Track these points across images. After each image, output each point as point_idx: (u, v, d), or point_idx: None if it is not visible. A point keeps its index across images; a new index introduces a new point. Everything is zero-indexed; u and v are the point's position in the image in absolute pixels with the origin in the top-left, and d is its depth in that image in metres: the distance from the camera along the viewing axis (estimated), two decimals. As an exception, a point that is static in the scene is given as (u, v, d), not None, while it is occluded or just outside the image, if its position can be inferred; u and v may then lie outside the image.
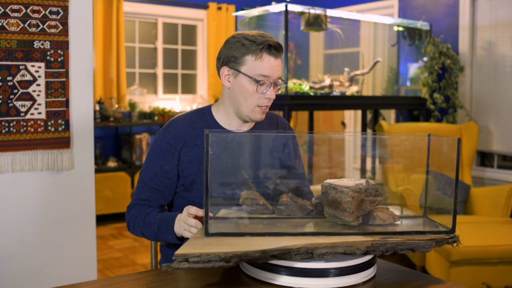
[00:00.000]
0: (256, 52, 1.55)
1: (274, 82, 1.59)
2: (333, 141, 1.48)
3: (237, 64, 1.58)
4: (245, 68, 1.57)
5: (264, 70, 1.56)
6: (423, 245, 1.28)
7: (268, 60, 1.56)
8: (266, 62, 1.56)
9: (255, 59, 1.56)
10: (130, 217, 1.66)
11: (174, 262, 1.12)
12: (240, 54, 1.57)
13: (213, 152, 1.27)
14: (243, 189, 1.43)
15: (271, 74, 1.57)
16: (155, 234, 1.59)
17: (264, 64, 1.56)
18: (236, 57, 1.58)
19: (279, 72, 1.59)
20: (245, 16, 4.43)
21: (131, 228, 1.68)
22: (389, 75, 5.07)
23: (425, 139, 1.47)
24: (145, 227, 1.62)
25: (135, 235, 1.70)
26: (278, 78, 1.59)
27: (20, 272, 2.36)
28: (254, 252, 1.14)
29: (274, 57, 1.58)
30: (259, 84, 1.56)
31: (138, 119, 5.51)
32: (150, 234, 1.62)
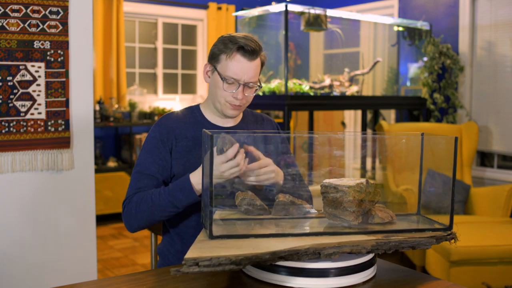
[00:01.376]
0: (229, 52, 1.59)
1: (245, 84, 1.60)
2: (333, 141, 1.48)
3: (215, 61, 1.64)
4: (219, 66, 1.62)
5: (232, 71, 1.59)
6: (424, 242, 1.28)
7: (238, 61, 1.59)
8: (236, 63, 1.58)
9: (227, 58, 1.59)
10: (131, 207, 1.60)
11: (183, 266, 1.10)
12: (218, 52, 1.62)
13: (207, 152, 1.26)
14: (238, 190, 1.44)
15: (239, 77, 1.59)
16: (169, 202, 1.53)
17: (234, 65, 1.59)
18: (215, 54, 1.63)
19: (250, 75, 1.60)
20: (245, 16, 4.43)
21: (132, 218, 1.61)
22: (389, 75, 5.07)
23: (424, 139, 1.47)
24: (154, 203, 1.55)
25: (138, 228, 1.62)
26: (250, 81, 1.60)
27: (20, 272, 2.36)
28: (264, 254, 1.14)
29: (246, 59, 1.59)
30: (227, 84, 1.60)
31: (138, 119, 5.51)
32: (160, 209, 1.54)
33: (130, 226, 1.63)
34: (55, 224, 2.44)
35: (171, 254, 1.71)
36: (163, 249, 1.74)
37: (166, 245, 1.73)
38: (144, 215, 1.58)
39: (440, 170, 1.43)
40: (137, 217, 1.60)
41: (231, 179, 1.44)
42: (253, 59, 1.60)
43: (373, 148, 1.58)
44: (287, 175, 1.60)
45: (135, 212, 1.59)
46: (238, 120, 1.76)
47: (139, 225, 1.62)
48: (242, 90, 1.60)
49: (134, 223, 1.62)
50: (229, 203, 1.47)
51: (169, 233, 1.73)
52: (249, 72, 1.59)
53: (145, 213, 1.58)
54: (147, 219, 1.59)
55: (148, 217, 1.58)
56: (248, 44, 1.58)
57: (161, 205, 1.55)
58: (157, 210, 1.56)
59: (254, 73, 1.61)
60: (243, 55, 1.59)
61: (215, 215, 1.40)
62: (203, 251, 1.14)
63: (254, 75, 1.61)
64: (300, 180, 1.67)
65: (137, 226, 1.62)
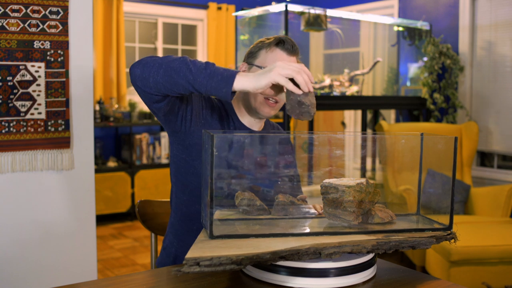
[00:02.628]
0: (269, 45, 1.61)
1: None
2: (333, 141, 1.48)
3: (252, 58, 1.65)
4: (257, 61, 1.63)
5: (272, 61, 1.58)
6: (424, 242, 1.28)
7: (278, 54, 1.60)
8: (275, 55, 1.60)
9: (267, 51, 1.61)
10: (146, 58, 1.41)
11: (184, 266, 1.10)
12: (256, 49, 1.64)
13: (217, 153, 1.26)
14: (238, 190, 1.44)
15: None
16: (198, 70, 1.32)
17: (273, 57, 1.59)
18: (253, 52, 1.65)
19: None
20: (245, 16, 4.43)
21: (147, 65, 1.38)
22: (389, 75, 5.07)
23: (424, 139, 1.47)
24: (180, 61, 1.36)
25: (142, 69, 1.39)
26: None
27: (20, 272, 2.36)
28: (265, 254, 1.14)
29: (286, 53, 1.61)
30: None
31: (138, 119, 5.51)
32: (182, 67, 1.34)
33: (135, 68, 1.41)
34: (55, 224, 2.44)
35: (171, 252, 1.69)
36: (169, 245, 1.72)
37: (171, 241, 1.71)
38: (158, 63, 1.38)
39: (440, 170, 1.43)
40: (150, 61, 1.39)
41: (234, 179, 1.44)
42: (292, 55, 1.62)
43: (373, 148, 1.58)
44: (285, 176, 1.59)
45: (152, 59, 1.40)
46: (261, 128, 1.75)
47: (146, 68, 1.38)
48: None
49: (139, 65, 1.40)
50: (228, 203, 1.47)
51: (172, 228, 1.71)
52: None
53: (160, 63, 1.37)
54: (157, 68, 1.37)
55: (160, 66, 1.37)
56: (287, 39, 1.61)
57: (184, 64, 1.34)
58: (176, 67, 1.34)
59: None
60: (283, 49, 1.60)
61: (214, 216, 1.40)
62: (203, 251, 1.14)
63: None
64: (298, 181, 1.67)
65: (142, 68, 1.39)
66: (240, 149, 1.47)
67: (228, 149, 1.43)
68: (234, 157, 1.43)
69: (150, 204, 1.89)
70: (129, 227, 5.12)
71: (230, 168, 1.42)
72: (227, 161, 1.40)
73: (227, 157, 1.41)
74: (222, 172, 1.41)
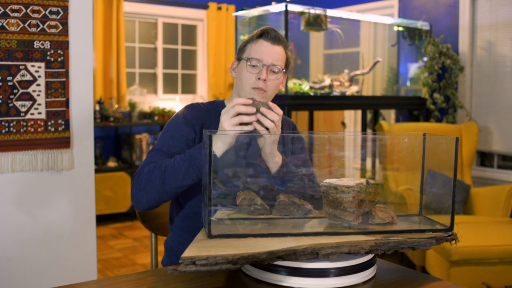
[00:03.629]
0: (253, 39, 1.66)
1: (269, 67, 1.63)
2: (333, 141, 1.48)
3: (240, 53, 1.69)
4: (244, 55, 1.67)
5: (256, 52, 1.63)
6: (424, 243, 1.28)
7: (261, 44, 1.64)
8: (259, 46, 1.64)
9: (251, 44, 1.66)
10: (142, 178, 1.51)
11: (180, 265, 1.10)
12: (244, 44, 1.70)
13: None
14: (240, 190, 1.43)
15: (262, 57, 1.63)
16: (185, 161, 1.46)
17: (257, 47, 1.64)
18: (241, 48, 1.70)
19: (273, 57, 1.63)
20: (245, 16, 4.43)
21: (141, 190, 1.51)
22: (389, 75, 5.07)
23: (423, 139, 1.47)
24: (168, 167, 1.48)
25: (146, 203, 1.52)
26: (272, 64, 1.63)
27: (20, 272, 2.36)
28: (261, 254, 1.14)
29: (270, 43, 1.64)
30: (251, 65, 1.63)
31: (138, 119, 5.51)
32: (174, 171, 1.47)
33: (137, 202, 1.54)
34: (55, 224, 2.44)
35: (179, 250, 1.68)
36: (171, 244, 1.72)
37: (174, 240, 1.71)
38: (155, 184, 1.49)
39: (441, 170, 1.43)
40: (146, 187, 1.50)
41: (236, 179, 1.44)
42: (276, 44, 1.65)
43: (374, 148, 1.58)
44: (298, 176, 1.58)
45: (145, 182, 1.50)
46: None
47: (148, 199, 1.51)
48: (266, 71, 1.62)
49: (142, 197, 1.52)
50: (229, 202, 1.46)
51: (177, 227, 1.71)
52: (272, 54, 1.64)
53: (156, 180, 1.49)
54: (157, 189, 1.49)
55: (159, 187, 1.49)
56: (270, 29, 1.65)
57: (175, 167, 1.47)
58: (170, 176, 1.47)
59: (278, 57, 1.64)
60: (266, 39, 1.65)
61: (216, 215, 1.40)
62: (200, 250, 1.14)
63: (278, 59, 1.64)
64: (309, 180, 1.65)
65: (146, 200, 1.52)
66: (239, 149, 1.47)
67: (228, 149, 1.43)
68: (233, 157, 1.43)
69: (150, 204, 1.89)
70: (129, 227, 5.12)
71: (230, 167, 1.43)
72: (227, 161, 1.40)
73: (226, 157, 1.41)
74: (223, 171, 1.41)
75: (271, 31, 1.66)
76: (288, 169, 1.55)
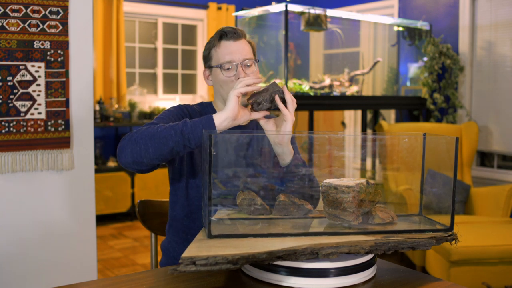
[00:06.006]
0: (214, 43, 1.66)
1: (243, 63, 1.63)
2: (333, 141, 1.48)
3: (208, 61, 1.69)
4: (213, 62, 1.67)
5: (224, 55, 1.63)
6: (424, 243, 1.28)
7: (225, 46, 1.63)
8: (224, 48, 1.63)
9: (215, 50, 1.65)
10: (132, 133, 1.47)
11: (180, 265, 1.10)
12: (207, 51, 1.69)
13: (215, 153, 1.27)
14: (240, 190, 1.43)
15: (232, 58, 1.62)
16: (179, 129, 1.42)
17: (222, 50, 1.63)
18: (206, 56, 1.70)
19: (242, 53, 1.63)
20: (245, 16, 4.43)
21: (128, 142, 1.46)
22: (389, 75, 5.07)
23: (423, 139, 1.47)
24: (160, 128, 1.44)
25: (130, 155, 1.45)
26: (244, 59, 1.63)
27: (20, 272, 2.36)
28: (261, 254, 1.14)
29: (232, 41, 1.64)
30: (225, 70, 1.63)
31: (138, 119, 5.51)
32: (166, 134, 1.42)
33: (122, 152, 1.47)
34: (55, 224, 2.44)
35: (176, 252, 1.69)
36: (168, 246, 1.73)
37: (170, 241, 1.72)
38: (143, 139, 1.44)
39: (441, 170, 1.43)
40: (137, 139, 1.45)
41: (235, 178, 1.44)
42: (238, 39, 1.64)
43: (374, 148, 1.58)
44: (296, 176, 1.58)
45: (137, 136, 1.46)
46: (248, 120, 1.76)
47: (133, 151, 1.45)
48: (242, 69, 1.63)
49: (128, 147, 1.46)
50: (229, 202, 1.47)
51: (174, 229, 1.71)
52: (240, 50, 1.63)
53: (145, 137, 1.44)
54: (144, 144, 1.44)
55: (146, 142, 1.43)
56: (227, 28, 1.65)
57: (168, 130, 1.43)
58: (161, 136, 1.42)
59: (246, 51, 1.64)
60: (227, 39, 1.64)
61: (216, 215, 1.40)
62: (200, 250, 1.14)
63: (247, 53, 1.65)
64: (310, 180, 1.66)
65: (130, 151, 1.45)
66: (239, 148, 1.47)
67: (227, 148, 1.43)
68: (233, 157, 1.43)
69: (150, 204, 1.89)
70: (129, 227, 5.12)
71: (230, 167, 1.43)
72: (226, 160, 1.40)
73: (225, 157, 1.41)
74: (223, 171, 1.41)
75: (228, 30, 1.65)
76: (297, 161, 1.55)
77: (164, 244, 1.75)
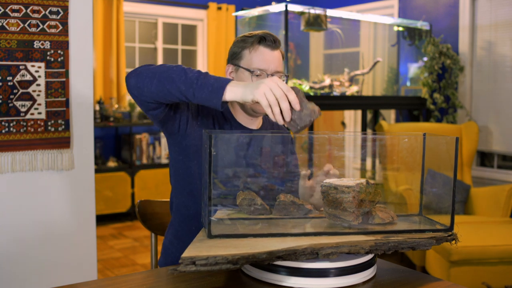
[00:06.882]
0: (251, 45, 1.60)
1: (273, 74, 1.60)
2: (333, 141, 1.48)
3: (237, 59, 1.64)
4: (243, 62, 1.62)
5: (258, 62, 1.59)
6: (424, 243, 1.28)
7: (262, 52, 1.60)
8: (260, 54, 1.59)
9: (250, 52, 1.60)
10: (143, 66, 1.44)
11: (180, 265, 1.10)
12: (239, 49, 1.63)
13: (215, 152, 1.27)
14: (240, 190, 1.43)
15: (266, 67, 1.59)
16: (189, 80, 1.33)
17: (258, 56, 1.59)
18: (236, 53, 1.64)
19: (276, 64, 1.61)
20: (245, 16, 4.43)
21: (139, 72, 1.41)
22: (389, 75, 5.07)
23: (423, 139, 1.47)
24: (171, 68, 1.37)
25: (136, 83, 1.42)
26: (276, 71, 1.61)
27: (20, 272, 2.36)
28: (261, 254, 1.14)
29: (269, 49, 1.60)
30: (255, 76, 1.59)
31: (138, 119, 5.51)
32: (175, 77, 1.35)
33: (133, 74, 1.44)
34: (55, 224, 2.44)
35: (172, 252, 1.69)
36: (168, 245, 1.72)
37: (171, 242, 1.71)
38: (156, 68, 1.40)
39: (441, 170, 1.43)
40: (148, 67, 1.42)
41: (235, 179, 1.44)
42: (276, 49, 1.61)
43: (374, 148, 1.58)
44: (292, 176, 1.58)
45: (152, 66, 1.42)
46: (259, 125, 1.74)
47: (141, 74, 1.41)
48: None
49: (140, 70, 1.43)
50: (229, 202, 1.47)
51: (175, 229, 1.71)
52: (275, 61, 1.61)
53: (158, 69, 1.39)
54: (152, 73, 1.39)
55: (155, 73, 1.39)
56: (267, 34, 1.60)
57: (180, 73, 1.35)
58: (170, 74, 1.36)
59: (279, 63, 1.62)
60: (266, 45, 1.60)
61: (216, 215, 1.40)
62: (200, 250, 1.14)
63: (279, 65, 1.62)
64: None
65: (138, 73, 1.42)
66: (239, 149, 1.47)
67: (226, 148, 1.43)
68: (233, 157, 1.43)
69: (150, 204, 1.89)
70: (129, 227, 5.12)
71: (230, 167, 1.43)
72: (226, 160, 1.40)
73: (225, 157, 1.41)
74: (223, 171, 1.41)
75: (269, 36, 1.61)
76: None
77: (165, 244, 1.74)
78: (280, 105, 1.26)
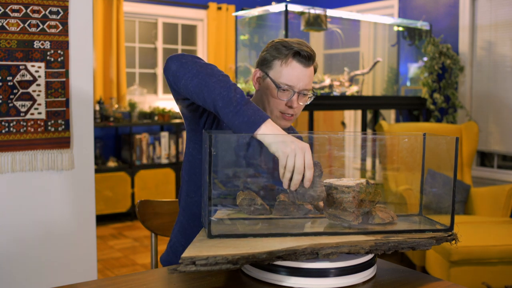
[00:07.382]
0: (284, 58, 1.53)
1: (300, 92, 1.55)
2: (333, 141, 1.48)
3: (267, 67, 1.57)
4: (272, 73, 1.56)
5: (287, 78, 1.53)
6: (424, 243, 1.28)
7: (293, 68, 1.53)
8: (291, 70, 1.53)
9: (281, 64, 1.53)
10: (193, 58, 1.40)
11: (180, 265, 1.10)
12: (271, 57, 1.56)
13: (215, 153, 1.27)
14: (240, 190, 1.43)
15: (295, 84, 1.53)
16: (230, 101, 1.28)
17: (289, 72, 1.53)
18: (267, 60, 1.57)
19: (305, 82, 1.54)
20: (245, 16, 4.44)
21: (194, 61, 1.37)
22: (389, 75, 5.07)
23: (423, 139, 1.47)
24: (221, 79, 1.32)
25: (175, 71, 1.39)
26: (304, 89, 1.55)
27: (20, 272, 2.36)
28: (261, 254, 1.14)
29: (302, 66, 1.53)
30: (282, 91, 1.54)
31: (138, 119, 5.51)
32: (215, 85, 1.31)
33: (172, 61, 1.42)
34: (55, 224, 2.44)
35: (182, 246, 1.68)
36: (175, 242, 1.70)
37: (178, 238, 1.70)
38: (202, 67, 1.35)
39: (441, 170, 1.43)
40: (195, 61, 1.38)
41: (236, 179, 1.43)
42: (309, 66, 1.54)
43: (374, 148, 1.58)
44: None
45: (200, 61, 1.38)
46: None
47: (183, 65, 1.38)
48: (297, 98, 1.54)
49: (177, 61, 1.40)
50: (229, 202, 1.46)
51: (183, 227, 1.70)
52: (305, 79, 1.54)
53: (203, 68, 1.35)
54: (193, 74, 1.35)
55: (199, 72, 1.34)
56: (303, 49, 1.52)
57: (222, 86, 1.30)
58: (211, 85, 1.31)
59: (309, 81, 1.55)
60: (299, 61, 1.53)
61: (216, 215, 1.40)
62: (200, 250, 1.14)
63: (309, 82, 1.55)
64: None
65: (183, 63, 1.39)
66: (239, 149, 1.47)
67: (226, 148, 1.43)
68: (233, 157, 1.43)
69: (150, 204, 1.89)
70: (129, 227, 5.12)
71: (230, 167, 1.42)
72: (226, 160, 1.40)
73: (225, 157, 1.41)
74: (223, 171, 1.41)
75: (304, 51, 1.51)
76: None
77: (171, 239, 1.73)
78: (293, 175, 1.25)
